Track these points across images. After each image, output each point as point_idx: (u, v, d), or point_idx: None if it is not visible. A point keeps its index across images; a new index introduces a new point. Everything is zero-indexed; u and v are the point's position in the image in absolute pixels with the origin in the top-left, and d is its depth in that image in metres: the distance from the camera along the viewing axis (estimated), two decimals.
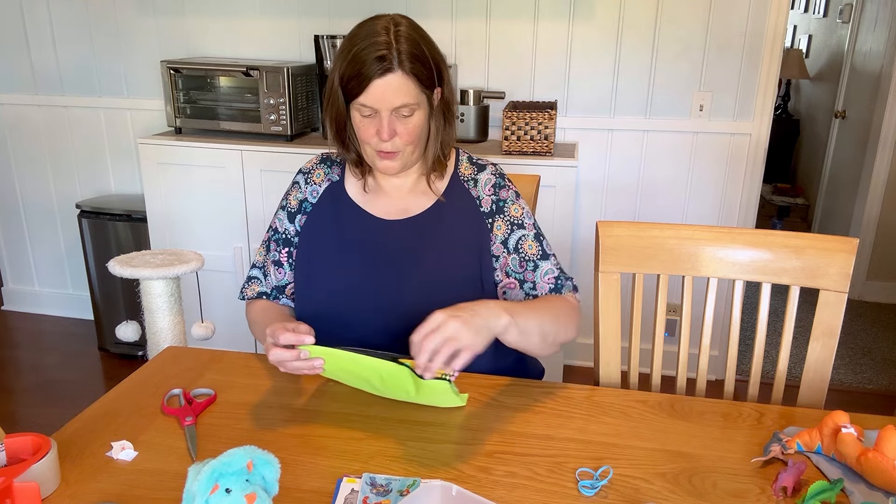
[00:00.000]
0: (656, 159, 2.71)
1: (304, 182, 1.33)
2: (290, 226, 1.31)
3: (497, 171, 1.32)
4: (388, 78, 1.13)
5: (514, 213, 1.28)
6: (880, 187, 3.57)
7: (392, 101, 1.15)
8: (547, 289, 1.27)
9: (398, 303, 1.23)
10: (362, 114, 1.17)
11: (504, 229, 1.27)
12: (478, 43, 2.70)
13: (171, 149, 2.64)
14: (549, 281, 1.27)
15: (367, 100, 1.15)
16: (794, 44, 5.37)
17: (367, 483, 0.93)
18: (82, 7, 2.94)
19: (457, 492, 0.80)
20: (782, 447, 0.99)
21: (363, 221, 1.28)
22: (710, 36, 2.55)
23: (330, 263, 1.27)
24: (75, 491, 0.91)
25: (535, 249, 1.28)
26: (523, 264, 1.27)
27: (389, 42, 1.13)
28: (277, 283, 1.33)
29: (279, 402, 1.13)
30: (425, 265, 1.25)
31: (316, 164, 1.35)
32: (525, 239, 1.27)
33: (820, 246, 1.26)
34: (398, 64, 1.13)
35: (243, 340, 2.77)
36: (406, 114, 1.17)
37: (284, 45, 2.82)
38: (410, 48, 1.15)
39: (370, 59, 1.12)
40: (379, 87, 1.13)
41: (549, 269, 1.27)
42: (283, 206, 1.33)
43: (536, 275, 1.27)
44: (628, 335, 1.37)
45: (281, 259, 1.32)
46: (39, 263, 3.39)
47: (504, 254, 1.28)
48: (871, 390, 2.87)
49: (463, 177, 1.30)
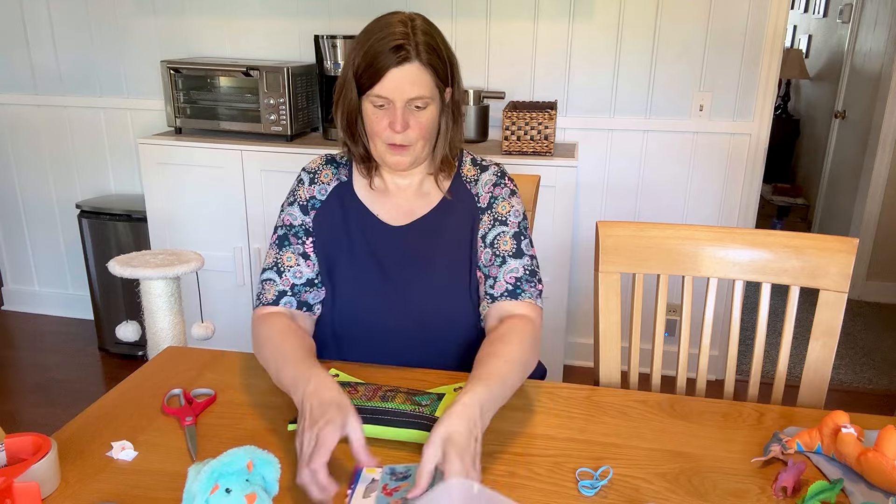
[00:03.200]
0: (656, 159, 2.71)
1: (309, 181, 1.31)
2: (305, 218, 1.28)
3: (498, 171, 1.31)
4: (405, 68, 1.13)
5: (501, 209, 1.26)
6: (880, 187, 3.58)
7: (408, 92, 1.15)
8: (503, 288, 1.20)
9: (406, 305, 1.24)
10: (375, 104, 1.17)
11: (487, 224, 1.26)
12: (478, 43, 2.69)
13: (171, 149, 2.64)
14: (510, 280, 1.21)
15: (382, 90, 1.14)
16: (794, 44, 5.38)
17: (387, 473, 0.95)
18: (82, 7, 2.94)
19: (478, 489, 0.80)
20: (782, 447, 0.99)
21: (370, 224, 1.27)
22: (710, 36, 2.55)
23: (341, 263, 1.26)
24: (75, 491, 0.91)
25: (510, 246, 1.23)
26: (492, 259, 1.23)
27: (407, 33, 1.14)
28: (308, 276, 1.25)
29: (279, 402, 1.13)
30: (430, 269, 1.25)
31: (322, 164, 1.33)
32: (503, 235, 1.24)
33: (820, 246, 1.26)
34: (416, 55, 1.14)
35: (243, 340, 2.77)
36: (420, 106, 1.17)
37: (284, 45, 2.82)
38: (427, 41, 1.15)
39: (387, 49, 1.13)
40: (395, 77, 1.13)
41: (515, 267, 1.22)
42: (293, 202, 1.29)
43: (501, 271, 1.22)
44: (628, 335, 1.37)
45: (307, 250, 1.26)
46: (39, 263, 3.39)
47: (481, 247, 1.25)
48: (871, 390, 2.87)
49: (465, 177, 1.30)
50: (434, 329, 1.25)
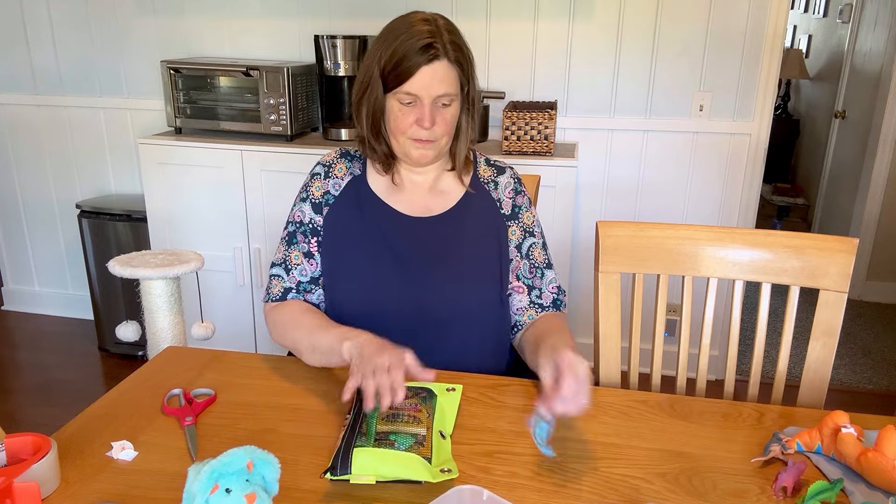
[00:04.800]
0: (656, 159, 2.71)
1: (324, 174, 1.32)
2: (315, 216, 1.29)
3: (514, 175, 1.36)
4: (434, 65, 1.16)
5: (527, 220, 1.34)
6: (880, 187, 3.57)
7: (436, 89, 1.17)
8: (550, 298, 1.33)
9: (421, 299, 1.24)
10: (402, 102, 1.19)
11: (518, 234, 1.33)
12: (478, 43, 2.69)
13: (171, 149, 2.64)
14: (553, 290, 1.34)
15: (412, 87, 1.17)
16: (794, 44, 5.37)
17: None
18: (82, 7, 2.94)
19: (487, 496, 0.80)
20: (782, 447, 0.99)
21: (388, 217, 1.28)
22: (710, 36, 2.55)
23: (356, 257, 1.27)
24: (75, 491, 0.91)
25: (542, 258, 1.34)
26: (532, 271, 1.33)
27: (434, 31, 1.16)
28: (312, 275, 1.29)
29: (279, 402, 1.13)
30: (449, 263, 1.26)
31: (336, 157, 1.34)
32: (535, 247, 1.34)
33: (820, 246, 1.26)
34: (444, 52, 1.16)
35: (243, 340, 2.78)
36: (446, 103, 1.20)
37: (284, 45, 2.82)
38: (453, 39, 1.18)
39: (417, 47, 1.15)
40: (426, 75, 1.16)
41: (553, 278, 1.34)
42: (305, 198, 1.31)
43: (543, 282, 1.33)
44: (628, 335, 1.37)
45: (312, 250, 1.29)
46: (39, 263, 3.39)
47: (517, 258, 1.32)
48: (871, 390, 2.87)
49: (483, 178, 1.34)
50: (453, 325, 1.26)
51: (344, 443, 0.94)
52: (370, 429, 0.99)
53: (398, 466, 0.91)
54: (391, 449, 0.93)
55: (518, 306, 1.32)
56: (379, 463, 0.91)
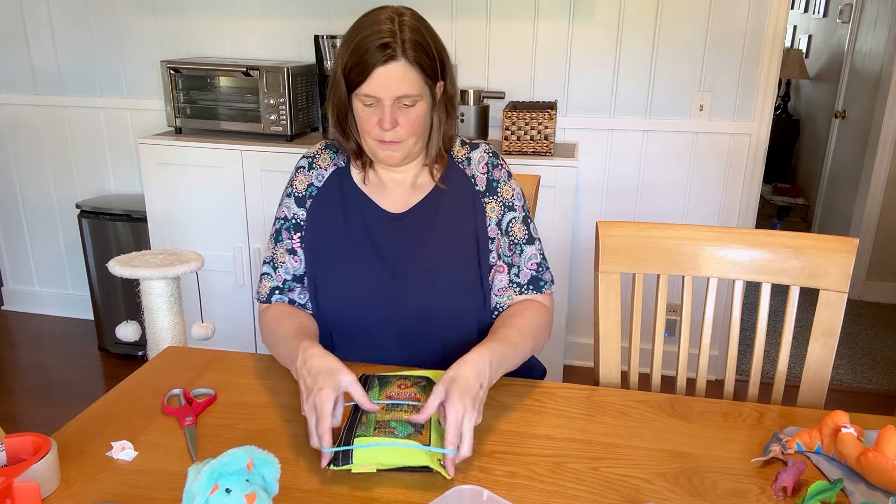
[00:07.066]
0: (656, 159, 2.71)
1: (308, 166, 1.31)
2: (298, 210, 1.29)
3: (489, 150, 1.31)
4: (390, 66, 1.13)
5: (506, 194, 1.28)
6: (880, 187, 3.58)
7: (395, 90, 1.14)
8: (528, 276, 1.27)
9: (402, 293, 1.23)
10: (364, 103, 1.17)
11: (498, 210, 1.28)
12: (478, 43, 2.69)
13: (171, 149, 2.64)
14: (532, 267, 1.27)
15: (369, 88, 1.14)
16: (794, 44, 5.37)
17: None
18: (82, 7, 2.94)
19: (487, 496, 0.79)
20: (782, 447, 0.99)
21: (370, 211, 1.27)
22: (710, 36, 2.55)
23: (337, 251, 1.26)
24: (75, 491, 0.91)
25: (522, 233, 1.28)
26: (512, 248, 1.27)
27: (393, 31, 1.13)
28: (294, 273, 1.29)
29: (279, 402, 1.13)
30: (428, 254, 1.25)
31: (321, 149, 1.33)
32: (515, 221, 1.28)
33: (820, 246, 1.26)
34: (402, 52, 1.13)
35: (243, 340, 2.78)
36: (408, 104, 1.16)
37: (284, 45, 2.82)
38: (414, 38, 1.14)
39: (373, 47, 1.12)
40: (382, 76, 1.13)
41: (533, 254, 1.28)
42: (290, 193, 1.30)
43: (521, 259, 1.27)
44: (628, 335, 1.37)
45: (294, 246, 1.29)
46: (39, 263, 3.39)
47: (498, 235, 1.28)
48: (871, 390, 2.87)
49: (457, 159, 1.30)
50: (434, 316, 1.25)
51: (345, 433, 0.96)
52: (370, 418, 1.00)
53: (398, 454, 0.93)
54: (391, 437, 0.94)
55: (498, 286, 1.28)
56: (379, 451, 0.93)
